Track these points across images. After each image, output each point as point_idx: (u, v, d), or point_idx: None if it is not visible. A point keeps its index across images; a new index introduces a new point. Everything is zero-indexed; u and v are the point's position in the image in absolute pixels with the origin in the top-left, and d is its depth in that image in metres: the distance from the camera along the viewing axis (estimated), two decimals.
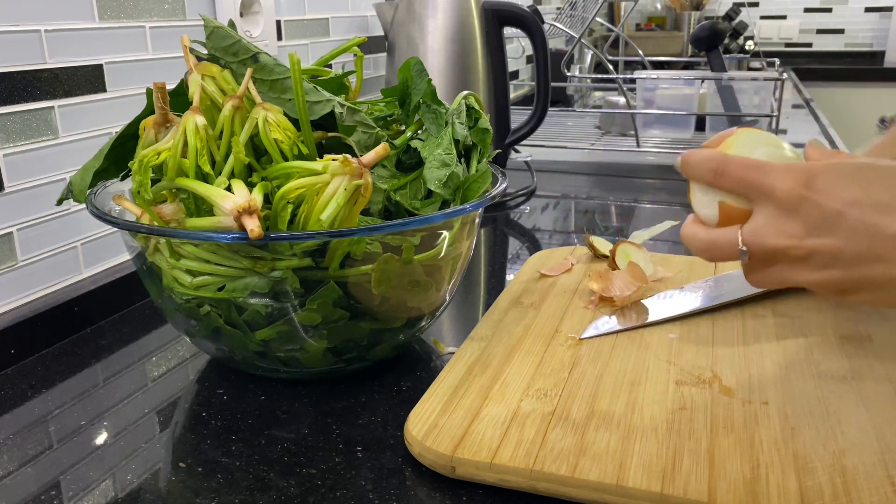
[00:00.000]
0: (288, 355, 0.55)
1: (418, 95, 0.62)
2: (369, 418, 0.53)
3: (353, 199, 0.49)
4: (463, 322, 0.71)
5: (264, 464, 0.48)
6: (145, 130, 0.53)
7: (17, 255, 0.66)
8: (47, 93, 0.67)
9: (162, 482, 0.47)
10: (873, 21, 3.29)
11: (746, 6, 3.40)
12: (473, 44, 1.07)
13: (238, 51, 0.55)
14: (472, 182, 0.59)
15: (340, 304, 0.52)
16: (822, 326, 0.62)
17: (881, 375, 0.54)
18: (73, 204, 0.71)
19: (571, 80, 1.90)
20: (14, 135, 0.65)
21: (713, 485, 0.42)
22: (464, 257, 0.60)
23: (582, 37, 1.46)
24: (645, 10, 3.33)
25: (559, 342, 0.60)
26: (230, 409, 0.55)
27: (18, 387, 0.59)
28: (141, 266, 0.57)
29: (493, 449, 0.46)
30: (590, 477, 0.43)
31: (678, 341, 0.60)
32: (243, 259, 0.51)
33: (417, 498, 0.45)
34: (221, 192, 0.48)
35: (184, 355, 0.64)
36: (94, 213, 0.53)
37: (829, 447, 0.45)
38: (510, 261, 0.88)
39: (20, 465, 0.49)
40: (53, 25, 0.67)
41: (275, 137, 0.52)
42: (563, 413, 0.49)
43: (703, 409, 0.50)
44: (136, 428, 0.53)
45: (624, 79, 1.52)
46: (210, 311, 0.53)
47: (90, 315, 0.70)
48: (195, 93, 0.52)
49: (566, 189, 1.20)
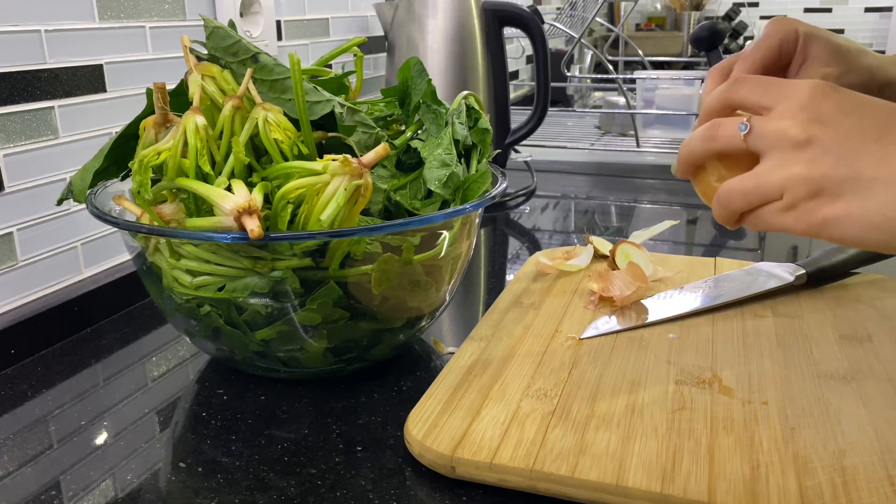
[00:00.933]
0: (288, 355, 0.55)
1: (418, 95, 0.62)
2: (369, 418, 0.53)
3: (353, 199, 0.49)
4: (463, 322, 0.71)
5: (264, 464, 0.48)
6: (145, 130, 0.53)
7: (17, 255, 0.66)
8: (47, 93, 0.67)
9: (162, 482, 0.47)
10: (873, 21, 3.29)
11: (746, 6, 3.40)
12: (473, 44, 1.07)
13: (238, 51, 0.55)
14: (472, 182, 0.59)
15: (340, 304, 0.52)
16: (822, 326, 0.62)
17: (881, 375, 0.54)
18: (73, 204, 0.71)
19: (571, 80, 1.90)
20: (14, 135, 0.65)
21: (713, 485, 0.42)
22: (464, 257, 0.60)
23: (582, 37, 1.46)
24: (645, 11, 3.33)
25: (559, 342, 0.60)
26: (230, 409, 0.55)
27: (18, 387, 0.59)
28: (141, 266, 0.57)
29: (492, 449, 0.46)
30: (590, 477, 0.43)
31: (678, 341, 0.60)
32: (243, 259, 0.51)
33: (417, 498, 0.45)
34: (221, 192, 0.48)
35: (184, 355, 0.64)
36: (94, 213, 0.53)
37: (829, 447, 0.45)
38: (510, 261, 0.88)
39: (20, 465, 0.49)
40: (53, 25, 0.67)
41: (275, 137, 0.52)
42: (563, 413, 0.49)
43: (703, 409, 0.50)
44: (136, 428, 0.53)
45: (624, 79, 1.52)
46: (210, 311, 0.53)
47: (90, 315, 0.70)
48: (195, 93, 0.52)
49: (566, 189, 1.20)
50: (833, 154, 0.41)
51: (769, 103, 0.45)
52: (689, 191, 1.15)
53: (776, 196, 0.43)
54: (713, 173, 0.48)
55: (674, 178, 0.51)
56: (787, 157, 0.43)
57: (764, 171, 0.44)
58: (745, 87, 0.46)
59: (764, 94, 0.45)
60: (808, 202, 0.42)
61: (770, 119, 0.44)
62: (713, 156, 0.47)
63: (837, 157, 0.41)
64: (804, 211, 0.42)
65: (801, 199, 0.42)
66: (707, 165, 0.49)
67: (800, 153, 0.42)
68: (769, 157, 0.44)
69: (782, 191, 0.43)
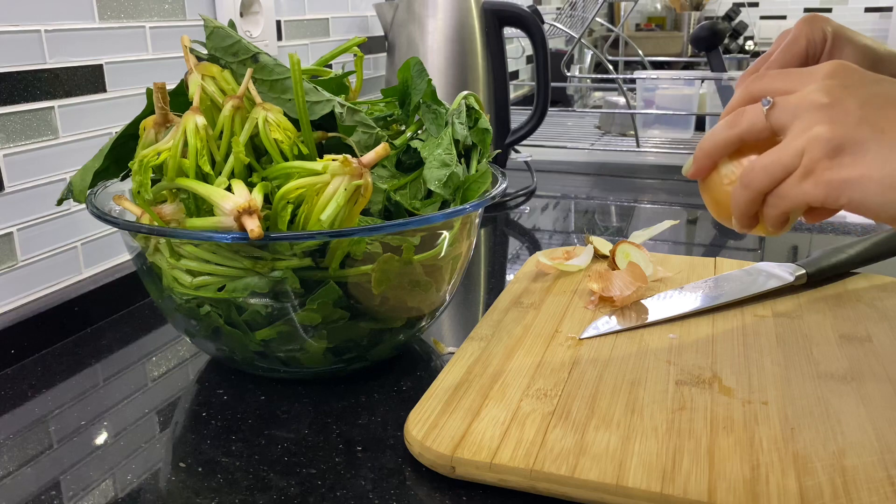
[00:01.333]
0: (288, 355, 0.55)
1: (418, 95, 0.62)
2: (369, 418, 0.53)
3: (353, 199, 0.49)
4: (463, 322, 0.71)
5: (264, 464, 0.48)
6: (145, 130, 0.53)
7: (17, 255, 0.66)
8: (47, 93, 0.67)
9: (162, 482, 0.47)
10: (873, 21, 3.29)
11: (746, 6, 3.40)
12: (473, 44, 1.07)
13: (238, 51, 0.55)
14: (472, 182, 0.59)
15: (340, 304, 0.52)
16: (822, 326, 0.62)
17: (881, 375, 0.54)
18: (73, 204, 0.71)
19: (571, 80, 1.90)
20: (14, 135, 0.65)
21: (713, 485, 0.42)
22: (464, 257, 0.60)
23: (582, 37, 1.46)
24: (645, 11, 3.33)
25: (559, 342, 0.60)
26: (230, 409, 0.55)
27: (18, 387, 0.59)
28: (141, 266, 0.57)
29: (492, 449, 0.46)
30: (590, 477, 0.43)
31: (678, 341, 0.60)
32: (243, 259, 0.51)
33: (417, 498, 0.45)
34: (221, 192, 0.48)
35: (184, 355, 0.64)
36: (94, 213, 0.53)
37: (829, 447, 0.45)
38: (510, 261, 0.88)
39: (20, 465, 0.49)
40: (53, 25, 0.67)
41: (275, 137, 0.52)
42: (563, 413, 0.49)
43: (703, 409, 0.50)
44: (136, 428, 0.53)
45: (624, 79, 1.52)
46: (210, 311, 0.53)
47: (90, 315, 0.70)
48: (195, 93, 0.52)
49: (566, 189, 1.20)
50: (855, 115, 0.41)
51: (792, 86, 0.44)
52: (689, 191, 1.15)
53: (796, 163, 0.42)
54: (725, 171, 0.48)
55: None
56: (809, 119, 0.42)
57: (786, 141, 0.43)
58: (768, 78, 0.46)
59: (787, 79, 0.45)
60: (827, 161, 0.41)
61: (793, 95, 0.43)
62: (732, 147, 0.47)
63: (860, 119, 0.41)
64: (823, 170, 0.41)
65: (820, 158, 0.41)
66: (720, 167, 0.48)
67: (822, 113, 0.41)
68: (791, 128, 0.43)
69: (801, 153, 0.42)
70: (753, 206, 0.45)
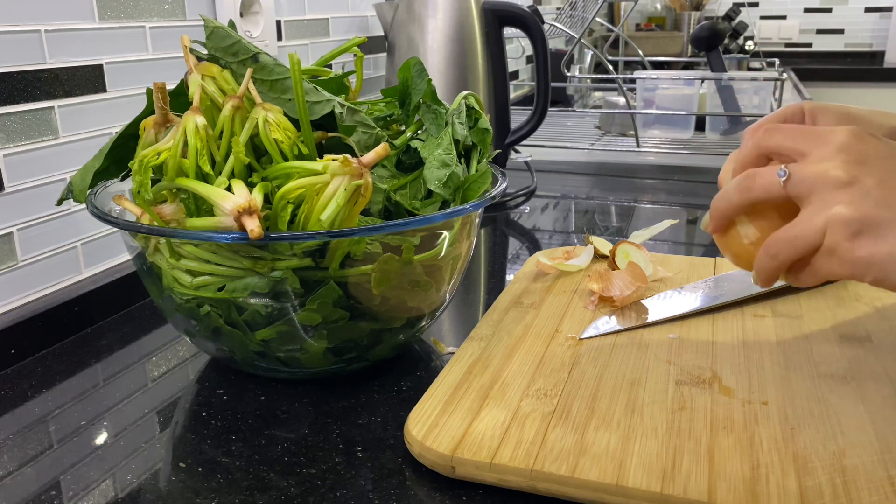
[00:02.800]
0: (288, 355, 0.55)
1: (418, 95, 0.62)
2: (369, 418, 0.53)
3: (353, 199, 0.49)
4: (463, 322, 0.71)
5: (264, 464, 0.48)
6: (145, 130, 0.53)
7: (17, 255, 0.66)
8: (47, 93, 0.67)
9: (162, 482, 0.47)
10: (873, 21, 3.29)
11: (746, 6, 3.41)
12: (473, 44, 1.07)
13: (238, 51, 0.55)
14: (472, 182, 0.59)
15: (340, 304, 0.52)
16: (822, 326, 0.62)
17: (881, 375, 0.54)
18: (73, 204, 0.71)
19: (571, 80, 1.90)
20: (14, 135, 0.65)
21: (713, 485, 0.42)
22: (464, 257, 0.60)
23: (582, 37, 1.46)
24: (645, 11, 3.33)
25: (559, 342, 0.60)
26: (230, 409, 0.55)
27: (18, 387, 0.59)
28: (141, 266, 0.57)
29: (493, 449, 0.46)
30: (590, 477, 0.43)
31: (678, 341, 0.60)
32: (243, 259, 0.51)
33: (417, 498, 0.45)
34: (221, 193, 0.48)
35: (184, 355, 0.64)
36: (94, 213, 0.53)
37: (829, 447, 0.45)
38: (510, 261, 0.88)
39: (20, 465, 0.49)
40: (53, 25, 0.67)
41: (275, 137, 0.52)
42: (563, 413, 0.49)
43: (703, 409, 0.50)
44: (136, 428, 0.53)
45: (624, 79, 1.52)
46: (210, 311, 0.53)
47: (90, 315, 0.70)
48: (195, 93, 0.52)
49: (566, 189, 1.20)
50: (874, 196, 0.42)
51: (805, 148, 0.45)
52: (689, 191, 1.15)
53: (819, 240, 0.43)
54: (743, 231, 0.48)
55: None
56: (829, 198, 0.43)
57: (807, 216, 0.44)
58: (780, 135, 0.46)
59: (799, 139, 0.45)
60: (849, 243, 0.42)
61: (808, 163, 0.44)
62: (748, 208, 0.47)
63: (878, 200, 0.42)
64: (846, 251, 0.42)
65: (842, 239, 0.42)
66: (737, 222, 0.48)
67: (842, 193, 0.42)
68: (810, 201, 0.44)
69: (824, 232, 0.43)
70: (779, 273, 0.47)
